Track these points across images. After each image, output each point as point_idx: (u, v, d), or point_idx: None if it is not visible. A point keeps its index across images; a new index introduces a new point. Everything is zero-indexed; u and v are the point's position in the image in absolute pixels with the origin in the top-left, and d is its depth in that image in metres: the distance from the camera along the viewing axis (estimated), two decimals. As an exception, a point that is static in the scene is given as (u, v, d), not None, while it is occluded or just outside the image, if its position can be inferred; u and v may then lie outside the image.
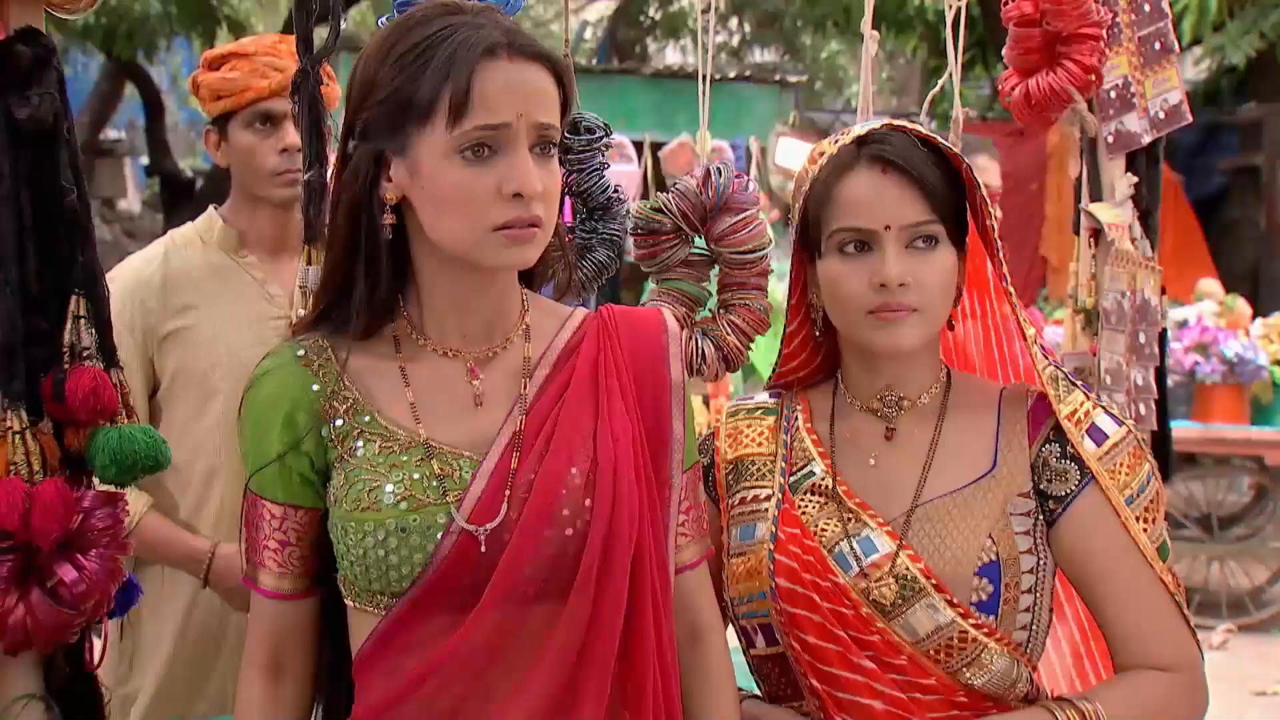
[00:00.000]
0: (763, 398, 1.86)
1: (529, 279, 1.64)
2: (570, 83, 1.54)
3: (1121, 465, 1.67)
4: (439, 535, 1.47)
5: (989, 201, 1.70)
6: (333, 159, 1.74)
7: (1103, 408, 1.71)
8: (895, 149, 1.65)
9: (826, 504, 1.70)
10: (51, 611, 1.58)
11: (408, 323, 1.57)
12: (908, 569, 1.62)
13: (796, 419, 1.79)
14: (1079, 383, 1.73)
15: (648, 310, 1.67)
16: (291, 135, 2.48)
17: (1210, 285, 7.13)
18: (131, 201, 13.01)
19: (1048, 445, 1.68)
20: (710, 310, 2.06)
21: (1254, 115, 10.79)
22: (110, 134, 12.26)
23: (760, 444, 1.80)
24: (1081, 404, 1.69)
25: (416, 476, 1.49)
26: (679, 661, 1.59)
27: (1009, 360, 1.89)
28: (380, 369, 1.55)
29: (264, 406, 1.55)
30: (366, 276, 1.52)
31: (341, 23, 2.02)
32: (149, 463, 1.66)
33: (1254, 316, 6.90)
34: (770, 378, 1.88)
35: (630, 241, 2.06)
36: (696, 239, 2.03)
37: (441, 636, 1.48)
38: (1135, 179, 2.56)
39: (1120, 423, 1.70)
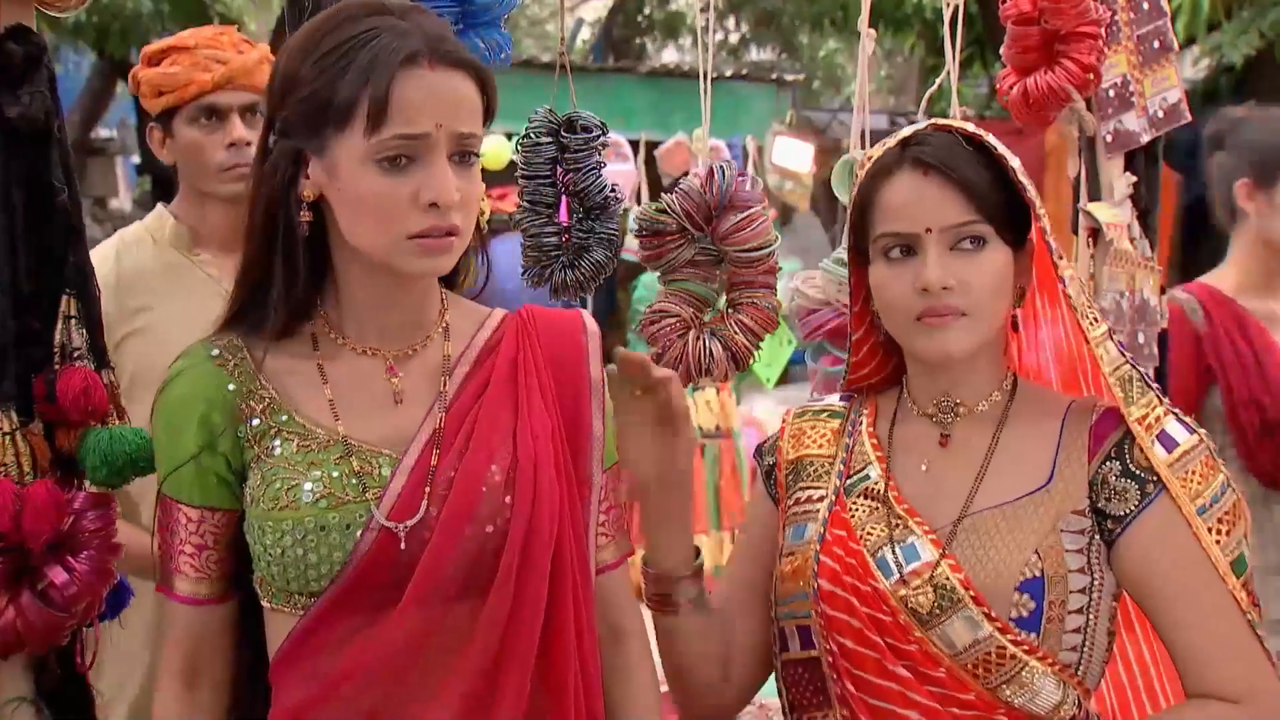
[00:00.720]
0: (831, 400, 1.85)
1: (449, 280, 1.64)
2: (493, 89, 1.52)
3: (1194, 474, 1.61)
4: (358, 533, 1.47)
5: (1039, 201, 1.66)
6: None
7: (1174, 414, 1.65)
8: (935, 150, 1.62)
9: (877, 508, 1.67)
10: (42, 614, 1.58)
11: (325, 321, 1.56)
12: (947, 579, 1.59)
13: (861, 422, 1.77)
14: (1154, 385, 1.68)
15: (567, 310, 1.67)
16: (238, 129, 2.44)
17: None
18: (123, 200, 12.98)
19: (1108, 463, 1.63)
20: (718, 309, 2.05)
21: (1252, 114, 10.78)
22: (102, 132, 12.24)
23: (822, 445, 1.78)
24: (1153, 408, 1.64)
25: (335, 474, 1.49)
26: (600, 663, 1.59)
27: (1081, 365, 1.83)
28: (297, 368, 1.55)
29: (178, 407, 1.53)
30: (284, 274, 1.51)
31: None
32: (142, 463, 1.65)
33: (1252, 316, 6.89)
34: (842, 384, 1.85)
35: (636, 243, 2.05)
36: (702, 238, 2.02)
37: (360, 636, 1.47)
38: (1134, 178, 2.55)
39: (1192, 430, 1.64)
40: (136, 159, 12.63)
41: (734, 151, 7.63)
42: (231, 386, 1.52)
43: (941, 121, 1.68)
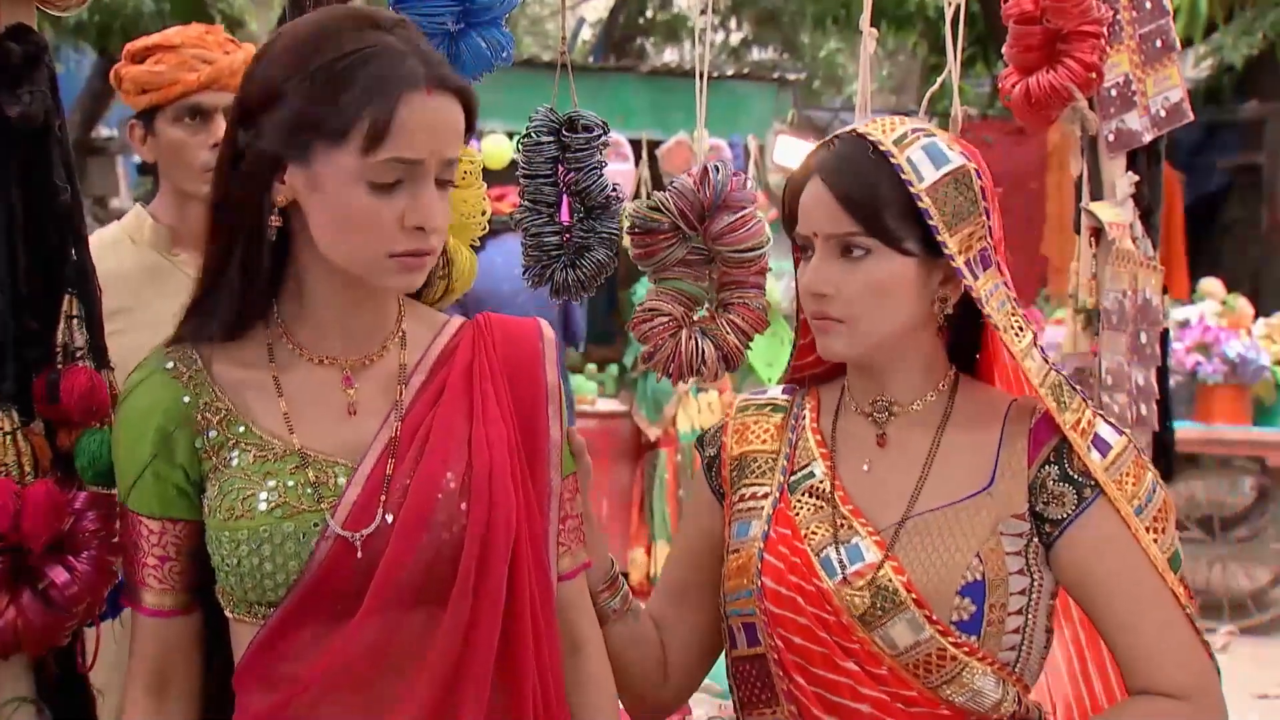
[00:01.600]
0: (775, 393, 1.86)
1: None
2: (475, 113, 1.53)
3: (1127, 476, 1.65)
4: (314, 541, 1.47)
5: (944, 228, 1.64)
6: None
7: (1101, 416, 1.68)
8: (830, 159, 1.67)
9: (822, 507, 1.69)
10: (43, 614, 1.57)
11: (282, 330, 1.56)
12: (889, 580, 1.61)
13: (804, 416, 1.78)
14: (1079, 388, 1.70)
15: (524, 318, 1.67)
16: (223, 131, 2.42)
17: (1212, 284, 7.12)
18: (124, 199, 12.95)
19: (1046, 467, 1.65)
20: (709, 309, 2.05)
21: (1255, 114, 10.79)
22: (102, 131, 12.23)
23: (765, 441, 1.79)
24: (1083, 411, 1.66)
25: (291, 484, 1.49)
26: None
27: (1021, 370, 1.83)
28: (253, 379, 1.55)
29: (135, 419, 1.53)
30: (243, 276, 1.51)
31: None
32: None
33: (1256, 316, 6.89)
34: (784, 373, 1.87)
35: (627, 240, 2.04)
36: (693, 237, 2.01)
37: (320, 645, 1.47)
38: (1136, 178, 2.55)
39: (1120, 431, 1.68)
40: (137, 158, 12.62)
41: (735, 151, 7.64)
42: (187, 398, 1.53)
43: (862, 129, 1.68)
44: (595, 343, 7.72)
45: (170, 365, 1.54)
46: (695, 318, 2.02)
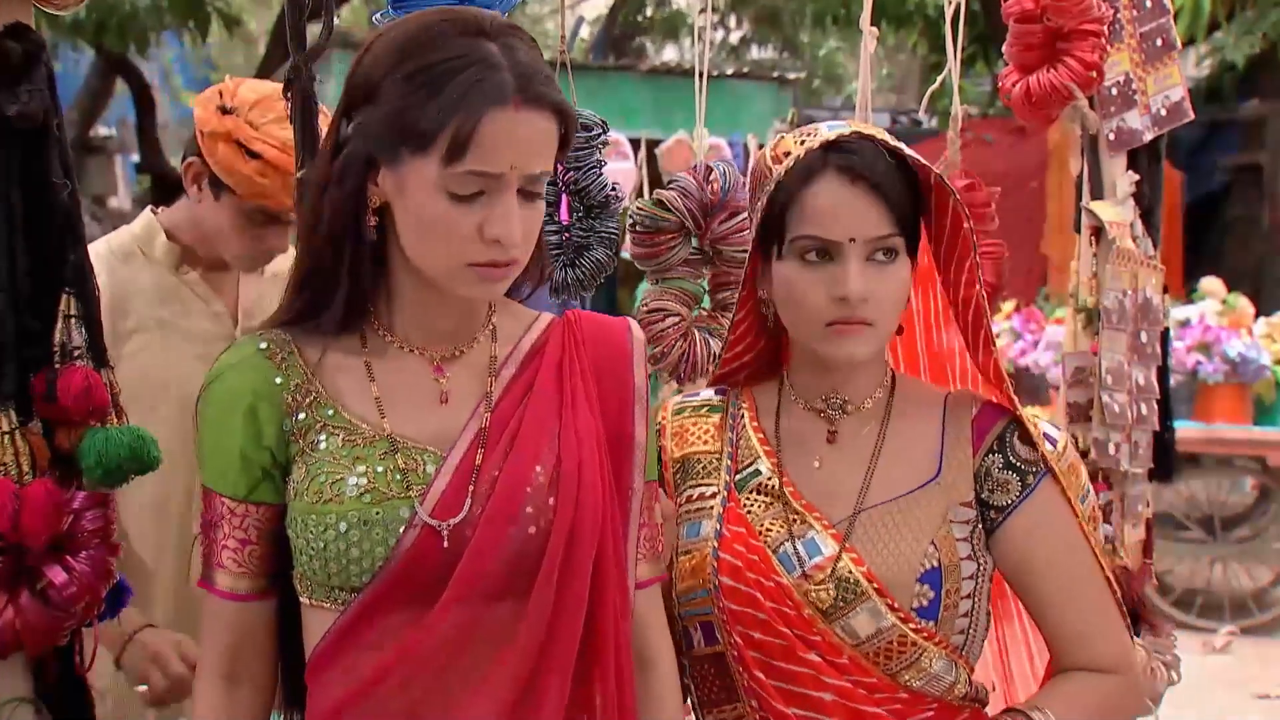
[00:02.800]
0: (708, 394, 1.86)
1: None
2: (572, 124, 1.52)
3: (1070, 469, 1.73)
4: (401, 529, 1.47)
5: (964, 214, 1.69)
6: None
7: (1039, 418, 1.75)
8: (863, 160, 1.64)
9: (772, 504, 1.71)
10: (41, 614, 1.57)
11: (375, 319, 1.56)
12: (850, 572, 1.64)
13: (743, 416, 1.80)
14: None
15: (614, 317, 1.67)
16: (277, 240, 2.37)
17: (1212, 284, 7.11)
18: (122, 199, 13.00)
19: (990, 455, 1.70)
20: (702, 309, 2.05)
21: (1256, 112, 10.81)
22: (101, 131, 12.25)
23: (706, 441, 1.80)
24: (1028, 409, 1.74)
25: (380, 470, 1.49)
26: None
27: (950, 361, 1.89)
28: (345, 364, 1.55)
29: (226, 400, 1.53)
30: (350, 275, 1.51)
31: (334, 19, 2.01)
32: (133, 465, 1.63)
33: (1256, 315, 6.88)
34: (713, 372, 1.87)
35: (629, 240, 2.04)
36: (695, 237, 2.02)
37: (401, 633, 1.47)
38: (1136, 177, 2.55)
39: (1059, 429, 1.77)
40: (135, 157, 12.63)
41: (735, 150, 7.65)
42: (279, 380, 1.53)
43: (864, 128, 1.69)
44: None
45: (264, 346, 1.54)
46: (693, 316, 2.02)
